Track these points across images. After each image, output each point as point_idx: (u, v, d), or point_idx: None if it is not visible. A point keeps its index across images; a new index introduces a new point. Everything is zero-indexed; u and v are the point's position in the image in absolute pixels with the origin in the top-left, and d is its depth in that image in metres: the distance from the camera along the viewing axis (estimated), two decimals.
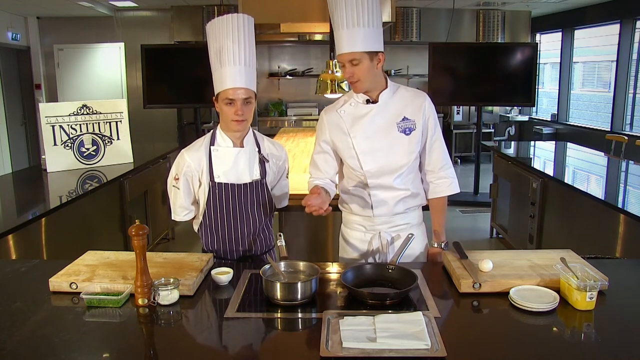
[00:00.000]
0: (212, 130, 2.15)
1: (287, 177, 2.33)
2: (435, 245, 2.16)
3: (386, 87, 2.06)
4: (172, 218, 2.19)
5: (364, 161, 2.05)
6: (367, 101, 2.05)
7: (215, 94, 2.03)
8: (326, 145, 2.14)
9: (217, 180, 2.07)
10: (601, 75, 8.21)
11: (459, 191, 2.16)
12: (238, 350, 1.42)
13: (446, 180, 2.13)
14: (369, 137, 2.05)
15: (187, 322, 1.58)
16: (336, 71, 4.14)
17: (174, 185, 2.13)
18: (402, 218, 2.14)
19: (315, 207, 1.88)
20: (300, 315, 1.60)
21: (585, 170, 4.44)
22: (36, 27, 8.39)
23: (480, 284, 1.68)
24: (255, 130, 2.19)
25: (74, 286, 1.71)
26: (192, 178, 2.11)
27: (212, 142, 2.10)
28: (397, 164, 2.05)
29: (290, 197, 2.38)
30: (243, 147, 2.09)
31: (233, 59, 1.96)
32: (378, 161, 2.05)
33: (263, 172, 2.13)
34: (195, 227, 2.22)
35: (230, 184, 2.08)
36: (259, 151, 2.14)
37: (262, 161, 2.13)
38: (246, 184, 2.09)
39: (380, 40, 1.98)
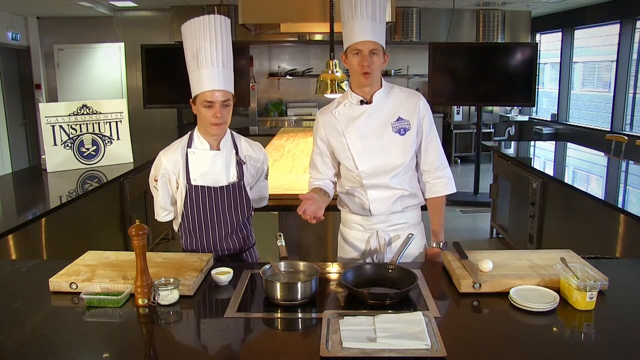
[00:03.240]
0: (189, 132, 2.13)
1: (267, 179, 2.33)
2: (434, 246, 2.15)
3: (380, 87, 2.06)
4: (155, 218, 2.19)
5: (359, 162, 2.05)
6: (361, 102, 2.06)
7: (193, 97, 2.02)
8: (323, 146, 2.15)
9: (193, 183, 2.06)
10: (601, 75, 8.21)
11: (455, 191, 2.15)
12: (238, 350, 1.42)
13: (442, 180, 2.12)
14: (364, 137, 2.05)
15: (187, 322, 1.58)
16: (336, 71, 4.14)
17: (154, 187, 2.13)
18: (400, 217, 2.14)
19: (309, 216, 1.88)
20: (300, 315, 1.60)
21: (585, 170, 4.44)
22: (36, 27, 8.39)
23: (480, 284, 1.68)
24: (233, 132, 2.18)
25: (74, 286, 1.71)
26: (169, 180, 2.09)
27: (189, 144, 2.08)
28: (392, 165, 2.05)
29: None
30: (220, 149, 2.08)
31: (211, 61, 1.96)
32: (373, 162, 2.05)
33: (240, 174, 2.12)
34: (176, 228, 2.22)
35: (207, 186, 2.07)
36: (237, 153, 2.12)
37: (240, 163, 2.12)
38: (223, 186, 2.08)
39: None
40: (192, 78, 2.01)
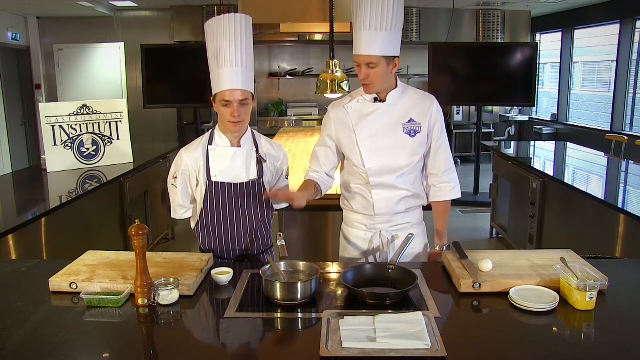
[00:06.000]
0: (210, 130, 2.16)
1: (287, 179, 2.33)
2: (437, 248, 2.17)
3: (395, 87, 2.06)
4: (172, 216, 2.20)
5: (366, 159, 2.06)
6: (375, 99, 2.06)
7: (213, 95, 2.04)
8: (330, 140, 2.16)
9: (214, 179, 2.08)
10: (601, 75, 8.21)
11: (460, 196, 2.18)
12: (238, 350, 1.42)
13: (449, 184, 2.14)
14: (374, 135, 2.05)
15: (187, 322, 1.58)
16: (336, 71, 4.14)
17: (172, 184, 2.15)
18: (403, 217, 2.15)
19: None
20: (300, 315, 1.60)
21: (585, 170, 4.44)
22: (36, 27, 8.38)
23: (480, 284, 1.69)
24: (254, 130, 2.20)
25: (74, 286, 1.71)
26: (189, 177, 2.12)
27: (210, 142, 2.11)
28: (398, 164, 2.06)
29: None
30: (240, 146, 2.10)
31: (230, 61, 1.97)
32: (380, 160, 2.06)
33: (260, 172, 2.13)
34: (192, 225, 2.23)
35: (227, 183, 2.08)
36: (257, 151, 2.14)
37: (260, 161, 2.13)
38: (243, 183, 2.10)
39: (398, 45, 1.99)
40: (212, 77, 2.03)
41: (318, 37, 6.34)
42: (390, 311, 1.54)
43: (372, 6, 1.91)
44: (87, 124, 4.09)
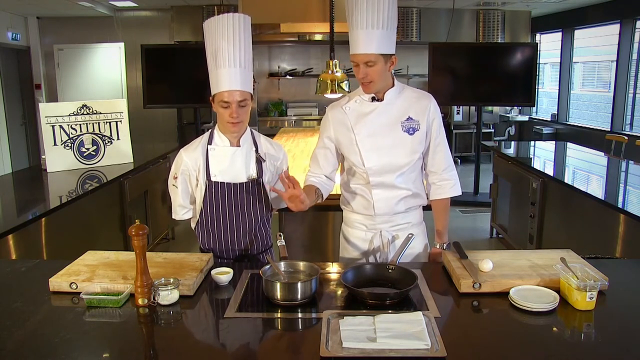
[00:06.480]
0: (210, 130, 2.16)
1: None
2: (438, 247, 2.17)
3: (393, 86, 2.06)
4: (172, 217, 2.20)
5: (366, 158, 2.06)
6: (373, 99, 2.06)
7: (212, 95, 2.04)
8: (329, 142, 2.16)
9: (213, 179, 2.08)
10: (601, 75, 8.21)
11: (460, 193, 2.17)
12: (238, 350, 1.42)
13: (449, 182, 2.14)
14: (373, 134, 2.06)
15: (187, 322, 1.58)
16: (336, 71, 4.14)
17: (173, 185, 2.15)
18: (403, 217, 2.15)
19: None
20: (300, 315, 1.60)
21: (585, 170, 4.44)
22: (36, 27, 8.39)
23: (480, 284, 1.69)
24: (253, 130, 2.20)
25: (74, 286, 1.71)
26: (189, 177, 2.12)
27: (209, 141, 2.11)
28: (398, 163, 2.06)
29: None
30: (240, 146, 2.10)
31: (229, 61, 1.97)
32: (380, 159, 2.06)
33: (260, 172, 2.13)
34: (192, 225, 2.23)
35: (227, 183, 2.08)
36: (256, 150, 2.14)
37: (259, 161, 2.13)
38: (242, 183, 2.10)
39: (394, 43, 2.00)
40: (211, 77, 2.03)
41: (318, 37, 6.33)
42: (390, 311, 1.54)
43: (367, 5, 1.92)
44: (87, 124, 4.09)
